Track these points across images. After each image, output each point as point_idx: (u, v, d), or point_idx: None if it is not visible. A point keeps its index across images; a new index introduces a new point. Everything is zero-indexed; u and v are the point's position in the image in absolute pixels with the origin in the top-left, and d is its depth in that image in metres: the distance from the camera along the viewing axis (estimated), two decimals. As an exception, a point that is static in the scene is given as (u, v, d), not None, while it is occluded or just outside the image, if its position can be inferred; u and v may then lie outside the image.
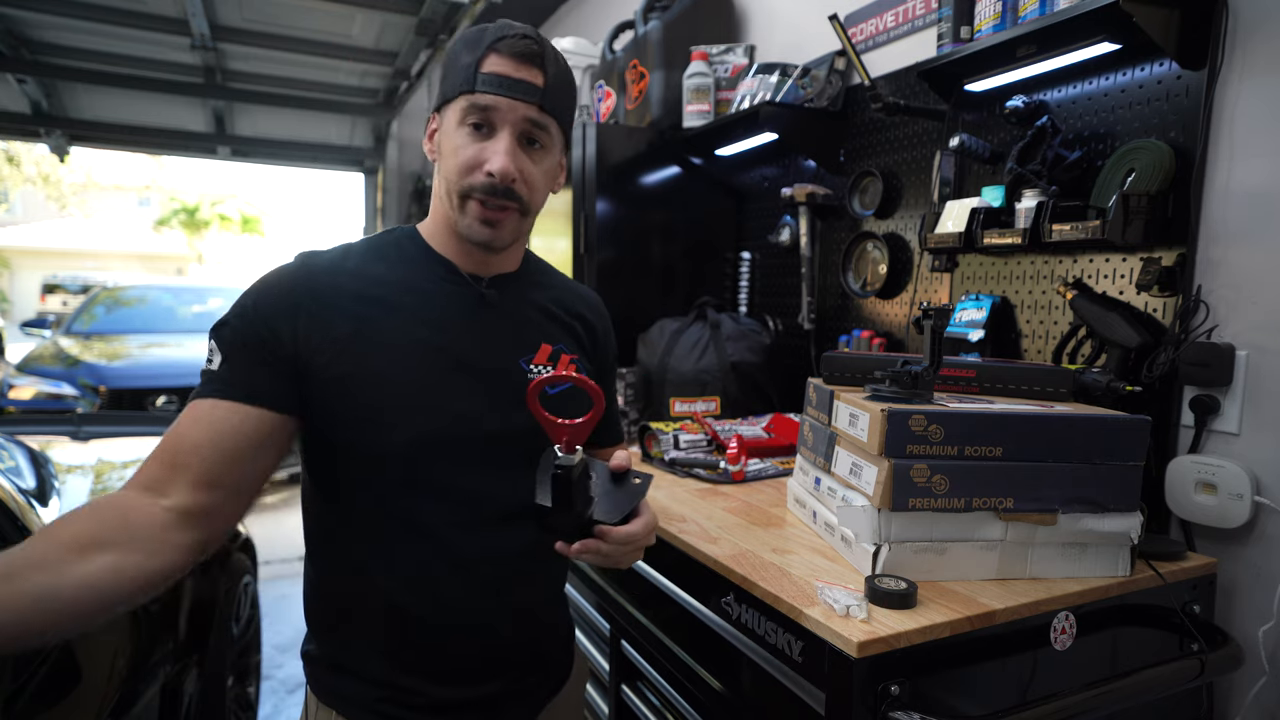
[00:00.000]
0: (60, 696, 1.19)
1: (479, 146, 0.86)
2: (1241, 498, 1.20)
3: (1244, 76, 1.22)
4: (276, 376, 0.81)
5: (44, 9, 3.53)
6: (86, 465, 2.05)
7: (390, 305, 0.87)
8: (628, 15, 2.67)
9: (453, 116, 0.87)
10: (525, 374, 0.93)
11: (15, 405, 4.35)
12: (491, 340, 0.92)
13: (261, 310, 0.82)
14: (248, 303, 0.83)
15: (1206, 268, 1.26)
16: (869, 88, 1.72)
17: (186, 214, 20.85)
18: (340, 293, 0.86)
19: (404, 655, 0.89)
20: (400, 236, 0.96)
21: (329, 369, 0.83)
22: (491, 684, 0.92)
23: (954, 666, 0.96)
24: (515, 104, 0.85)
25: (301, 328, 0.82)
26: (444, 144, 0.89)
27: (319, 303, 0.84)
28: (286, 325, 0.82)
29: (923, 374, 1.10)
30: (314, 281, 0.85)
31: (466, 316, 0.91)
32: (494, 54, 0.85)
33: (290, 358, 0.82)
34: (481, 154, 0.86)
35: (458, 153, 0.86)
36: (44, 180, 16.23)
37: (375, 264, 0.90)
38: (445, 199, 0.89)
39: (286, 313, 0.83)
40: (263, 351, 0.81)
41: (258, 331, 0.81)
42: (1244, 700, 1.22)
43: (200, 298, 6.65)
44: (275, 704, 2.63)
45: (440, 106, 0.90)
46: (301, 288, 0.84)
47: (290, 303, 0.83)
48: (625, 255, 2.34)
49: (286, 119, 5.28)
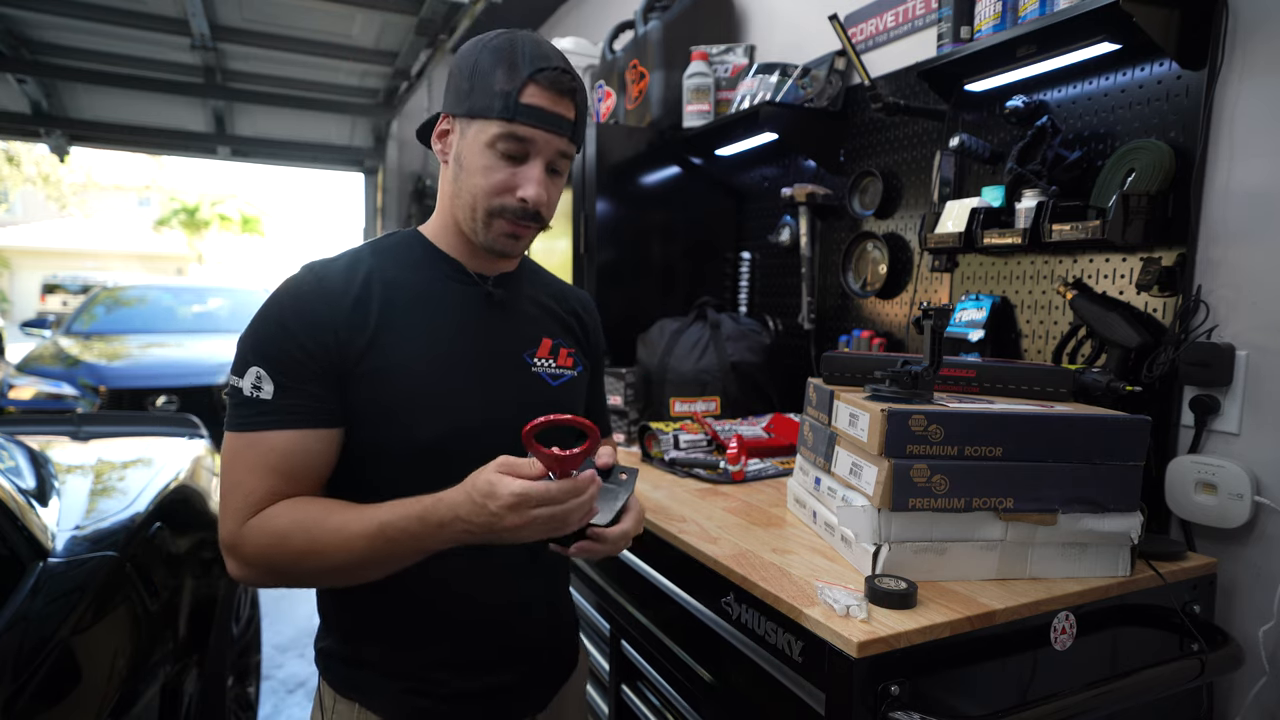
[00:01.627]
0: (60, 696, 1.19)
1: (511, 172, 0.89)
2: (1241, 498, 1.20)
3: (1244, 76, 1.22)
4: (329, 391, 0.85)
5: (44, 9, 3.53)
6: (86, 465, 2.05)
7: (407, 305, 0.90)
8: (628, 15, 2.67)
9: (482, 135, 0.88)
10: (530, 368, 0.99)
11: (15, 405, 4.35)
12: (499, 336, 0.97)
13: (299, 325, 0.84)
14: (283, 322, 0.84)
15: (1206, 268, 1.26)
16: (869, 88, 1.72)
17: (186, 214, 20.86)
18: (362, 296, 0.88)
19: (427, 647, 0.92)
20: (406, 238, 0.98)
21: (361, 371, 0.86)
22: (509, 672, 0.97)
23: (954, 666, 0.96)
24: (550, 137, 0.89)
25: (341, 335, 0.85)
26: (468, 159, 0.90)
27: (347, 308, 0.86)
28: (327, 335, 0.84)
29: (923, 374, 1.10)
30: (336, 288, 0.87)
31: (476, 315, 0.95)
32: (534, 85, 0.87)
33: (336, 366, 0.85)
34: (514, 180, 0.89)
35: (487, 174, 0.89)
36: (44, 180, 16.23)
37: (387, 266, 0.93)
38: (466, 211, 0.91)
39: (324, 323, 0.85)
40: (312, 367, 0.84)
41: (303, 346, 0.83)
42: (1244, 700, 1.22)
43: (200, 298, 6.64)
44: (275, 704, 2.63)
45: (463, 115, 0.90)
46: (329, 296, 0.86)
47: (325, 313, 0.85)
48: (625, 255, 2.34)
49: (286, 119, 5.28)
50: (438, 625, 0.93)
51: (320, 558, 0.80)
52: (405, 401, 0.87)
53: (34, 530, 1.44)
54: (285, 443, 0.83)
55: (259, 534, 0.81)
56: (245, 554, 0.82)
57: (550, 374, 1.01)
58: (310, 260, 0.91)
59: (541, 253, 2.54)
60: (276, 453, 0.82)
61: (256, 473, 0.82)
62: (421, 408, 0.88)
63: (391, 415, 0.87)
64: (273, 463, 0.82)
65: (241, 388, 0.83)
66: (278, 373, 0.83)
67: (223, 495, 0.84)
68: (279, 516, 0.81)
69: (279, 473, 0.83)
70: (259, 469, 0.82)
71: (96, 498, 1.78)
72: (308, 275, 0.89)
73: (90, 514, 1.66)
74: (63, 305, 14.86)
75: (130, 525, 1.64)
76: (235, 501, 0.82)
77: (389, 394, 0.87)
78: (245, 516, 0.82)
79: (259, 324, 0.86)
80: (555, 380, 1.01)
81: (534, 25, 4.38)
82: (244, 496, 0.82)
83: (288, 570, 0.82)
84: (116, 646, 1.37)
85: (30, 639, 1.19)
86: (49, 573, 1.35)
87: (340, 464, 0.89)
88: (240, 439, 0.83)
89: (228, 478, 0.84)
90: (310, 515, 0.81)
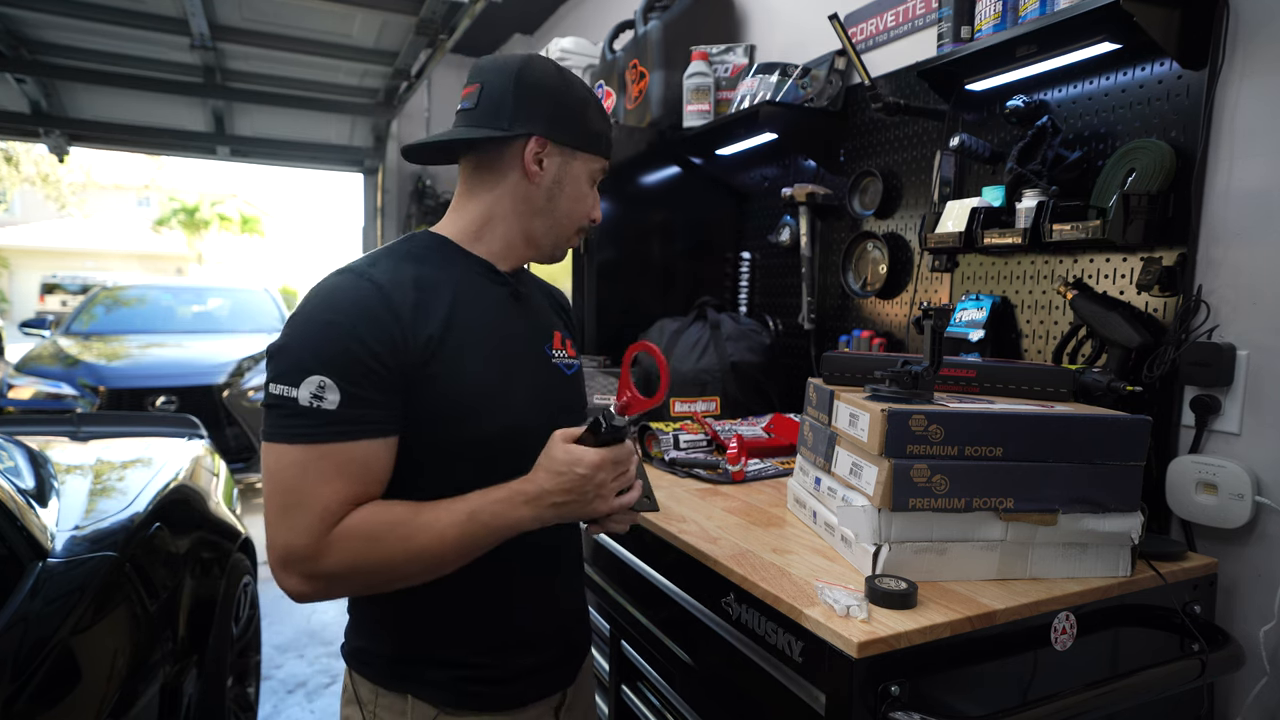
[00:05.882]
0: (60, 696, 1.19)
1: (593, 198, 1.04)
2: (1242, 498, 1.19)
3: (1244, 76, 1.22)
4: (395, 398, 0.85)
5: (44, 9, 3.52)
6: (86, 465, 2.05)
7: (459, 307, 0.92)
8: (628, 15, 2.67)
9: (587, 168, 1.01)
10: (550, 359, 1.04)
11: (14, 405, 4.35)
12: (528, 331, 1.02)
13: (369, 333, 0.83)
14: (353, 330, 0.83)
15: (1207, 267, 1.26)
16: (869, 87, 1.72)
17: (186, 214, 20.85)
18: (420, 302, 0.89)
19: (477, 634, 0.96)
20: (437, 242, 0.99)
21: (427, 375, 0.87)
22: (550, 650, 1.03)
23: (954, 667, 0.96)
24: None
25: (409, 340, 0.86)
26: (570, 186, 1.01)
27: (409, 314, 0.87)
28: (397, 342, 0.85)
29: (923, 374, 1.10)
30: (397, 295, 0.87)
31: (508, 312, 1.00)
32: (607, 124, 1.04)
33: (404, 372, 0.85)
34: (594, 207, 1.05)
35: (583, 200, 1.02)
36: (43, 180, 16.20)
37: (425, 268, 0.93)
38: (555, 229, 1.02)
39: (392, 330, 0.85)
40: (383, 374, 0.84)
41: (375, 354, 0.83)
42: (1244, 701, 1.22)
43: (200, 298, 6.63)
44: (275, 704, 2.62)
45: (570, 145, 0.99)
46: (392, 302, 0.86)
47: (390, 320, 0.85)
48: (625, 255, 2.34)
49: (286, 119, 5.28)
50: (486, 611, 0.96)
51: (414, 554, 0.83)
52: (473, 401, 0.90)
53: (33, 530, 1.44)
54: (361, 453, 0.83)
55: (347, 541, 0.81)
56: (327, 565, 0.81)
57: (565, 364, 1.07)
58: (350, 265, 0.90)
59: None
60: (355, 463, 0.82)
61: (332, 484, 0.81)
62: (486, 406, 0.91)
63: (460, 415, 0.89)
64: (352, 473, 0.82)
65: (296, 397, 0.80)
66: (347, 382, 0.81)
67: (285, 510, 0.81)
68: (366, 521, 0.82)
69: (355, 482, 0.83)
70: (335, 480, 0.81)
71: (96, 498, 1.78)
72: (364, 282, 0.87)
73: (90, 514, 1.66)
74: (62, 305, 14.86)
75: (130, 525, 1.64)
76: (309, 516, 0.80)
77: (458, 395, 0.89)
78: (326, 529, 0.81)
79: (318, 331, 0.83)
80: (569, 369, 1.07)
81: (534, 25, 4.38)
82: (321, 509, 0.80)
83: (377, 571, 0.84)
84: (116, 647, 1.37)
85: (30, 639, 1.19)
86: (48, 573, 1.35)
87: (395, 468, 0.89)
88: (308, 450, 0.81)
89: (293, 492, 0.81)
90: (397, 515, 0.83)
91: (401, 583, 0.87)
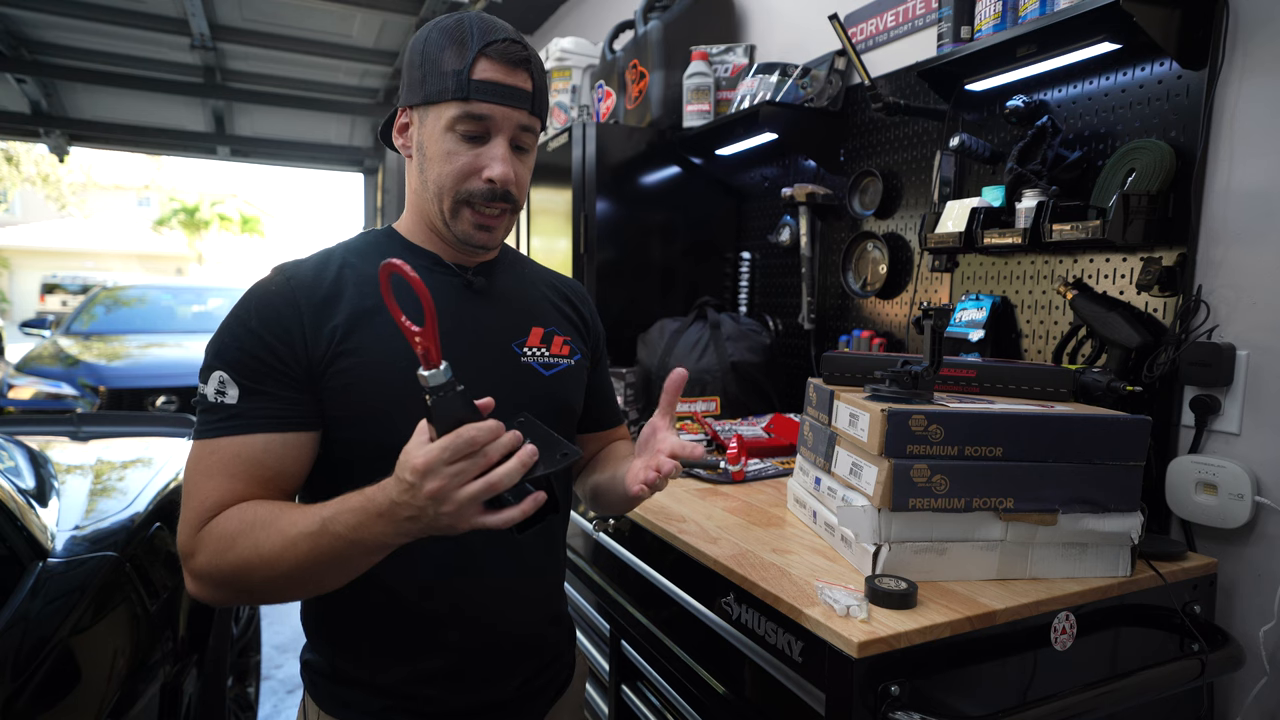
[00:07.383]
0: (60, 696, 1.19)
1: (474, 153, 0.86)
2: (1242, 498, 1.19)
3: (1244, 76, 1.22)
4: (298, 393, 0.82)
5: (44, 9, 3.53)
6: (86, 465, 2.05)
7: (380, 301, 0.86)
8: (628, 15, 2.67)
9: (439, 121, 0.86)
10: (520, 358, 0.95)
11: (15, 405, 4.35)
12: (483, 326, 0.94)
13: (264, 327, 0.82)
14: (247, 324, 0.82)
15: (1207, 267, 1.26)
16: (869, 87, 1.72)
17: (186, 214, 20.87)
18: (332, 294, 0.86)
19: (415, 661, 0.89)
20: (379, 235, 0.96)
21: (334, 371, 0.83)
22: (503, 686, 0.93)
23: (954, 667, 0.95)
24: (509, 112, 0.86)
25: (309, 335, 0.83)
26: (429, 147, 0.88)
27: (315, 307, 0.84)
28: (294, 336, 0.82)
29: (923, 374, 1.10)
30: (304, 288, 0.85)
31: (454, 303, 0.92)
32: (485, 59, 0.84)
33: (306, 367, 0.82)
34: (478, 161, 0.87)
35: (451, 159, 0.86)
36: (43, 180, 16.22)
37: (359, 263, 0.90)
38: (435, 203, 0.89)
39: (291, 323, 0.82)
40: (279, 369, 0.81)
41: (269, 347, 0.81)
42: (1244, 701, 1.22)
43: (200, 298, 6.63)
44: (275, 704, 2.63)
45: (419, 103, 0.88)
46: (295, 296, 0.84)
47: (291, 313, 0.83)
48: (625, 255, 2.34)
49: (286, 119, 5.28)
50: (426, 637, 0.89)
51: (265, 562, 0.74)
52: (384, 398, 0.83)
53: (33, 530, 1.44)
54: (248, 448, 0.79)
55: (209, 540, 0.76)
56: (197, 564, 0.77)
57: (542, 363, 0.97)
58: (281, 262, 0.89)
59: (542, 252, 2.54)
60: (240, 459, 0.79)
61: (213, 479, 0.78)
62: (401, 404, 0.81)
63: (371, 414, 0.84)
64: (235, 470, 0.78)
65: (206, 394, 0.81)
66: (241, 376, 0.80)
67: (182, 507, 0.80)
68: (230, 520, 0.76)
69: (240, 479, 0.79)
70: (216, 475, 0.78)
71: (96, 498, 1.78)
72: (275, 276, 0.86)
73: (90, 514, 1.66)
74: (62, 305, 14.86)
75: (130, 525, 1.64)
76: (187, 512, 0.78)
77: (367, 392, 0.84)
78: (198, 526, 0.77)
79: (223, 328, 0.83)
80: (548, 370, 0.98)
81: (534, 25, 4.38)
82: (197, 505, 0.78)
83: (236, 578, 0.75)
84: (116, 646, 1.37)
85: (30, 639, 1.19)
86: (48, 573, 1.35)
87: (323, 468, 0.86)
88: (200, 446, 0.80)
89: (185, 487, 0.80)
90: (259, 516, 0.75)
91: (276, 595, 0.78)
